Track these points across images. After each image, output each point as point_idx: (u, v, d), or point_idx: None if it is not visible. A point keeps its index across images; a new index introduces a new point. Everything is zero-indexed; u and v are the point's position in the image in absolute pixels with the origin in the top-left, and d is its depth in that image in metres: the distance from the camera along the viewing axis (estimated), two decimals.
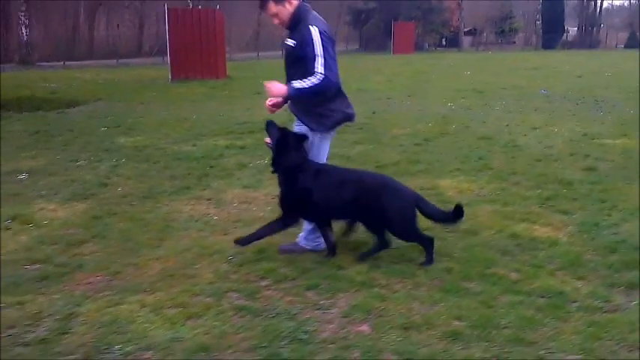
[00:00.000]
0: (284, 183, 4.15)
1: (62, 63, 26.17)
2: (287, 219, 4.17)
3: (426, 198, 5.52)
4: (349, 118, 4.28)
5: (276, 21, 4.17)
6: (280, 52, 34.89)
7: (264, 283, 3.83)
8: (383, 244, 4.17)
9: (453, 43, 51.02)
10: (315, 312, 3.43)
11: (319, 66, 3.90)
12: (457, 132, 9.22)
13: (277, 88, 4.05)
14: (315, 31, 3.94)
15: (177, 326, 3.26)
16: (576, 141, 8.34)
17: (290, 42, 4.12)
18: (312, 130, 4.18)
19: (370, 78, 18.76)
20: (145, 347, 3.06)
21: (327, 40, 3.99)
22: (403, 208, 4.09)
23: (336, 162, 7.02)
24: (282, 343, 3.09)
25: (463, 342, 3.06)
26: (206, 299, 3.58)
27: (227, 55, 20.29)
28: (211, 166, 6.86)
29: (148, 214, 5.15)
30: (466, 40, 52.50)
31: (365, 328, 3.25)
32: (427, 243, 4.12)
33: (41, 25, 30.74)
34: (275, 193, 4.50)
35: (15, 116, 10.70)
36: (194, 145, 8.19)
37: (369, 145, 8.20)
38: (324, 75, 3.90)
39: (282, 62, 4.28)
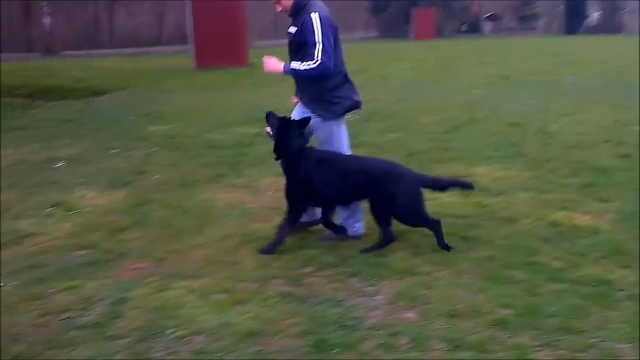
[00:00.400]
0: (287, 170, 4.17)
1: (84, 52, 26.38)
2: (293, 213, 4.18)
3: None
4: (357, 105, 4.31)
5: (279, 8, 4.20)
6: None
7: (306, 270, 3.86)
8: (389, 238, 4.16)
9: (474, 28, 50.40)
10: (361, 299, 3.46)
11: (318, 52, 3.95)
12: (486, 119, 9.15)
13: (274, 64, 4.15)
14: (315, 18, 3.97)
15: (225, 311, 3.32)
16: (608, 127, 8.23)
17: (292, 29, 4.15)
18: (323, 119, 4.21)
19: (393, 65, 18.64)
20: (196, 331, 3.12)
21: (329, 28, 4.01)
22: (409, 193, 4.09)
23: (366, 150, 7.08)
24: (331, 329, 3.12)
25: (511, 330, 3.07)
26: (251, 285, 3.63)
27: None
28: (245, 154, 6.90)
29: (185, 202, 5.21)
30: (486, 26, 51.83)
31: (411, 315, 3.27)
32: (435, 226, 4.11)
33: (62, 14, 30.91)
34: None
35: (45, 105, 10.84)
36: (223, 134, 8.24)
37: (398, 132, 8.17)
38: (322, 62, 3.96)
39: None
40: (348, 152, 4.43)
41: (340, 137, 4.34)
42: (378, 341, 3.00)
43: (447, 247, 4.06)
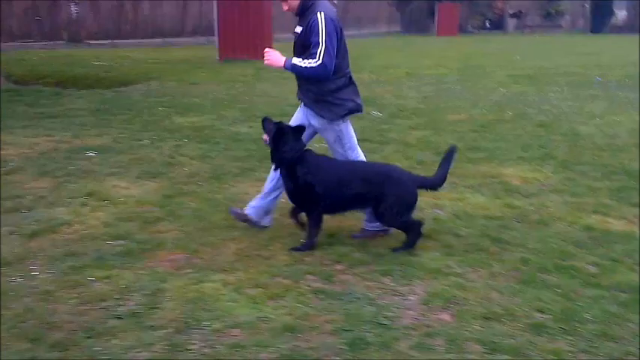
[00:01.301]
0: (288, 178, 4.15)
1: (110, 41, 26.58)
2: (313, 216, 4.17)
3: (491, 187, 5.57)
4: (359, 108, 4.32)
5: (285, 7, 4.21)
6: None
7: (338, 267, 3.88)
8: (415, 237, 4.14)
9: (497, 25, 49.89)
10: (394, 298, 3.47)
11: (320, 53, 3.96)
12: (514, 119, 9.06)
13: (276, 57, 4.13)
14: (321, 19, 3.98)
15: (260, 306, 3.35)
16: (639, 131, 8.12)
17: (298, 29, 4.16)
18: (328, 120, 4.22)
19: (418, 61, 18.53)
20: (232, 325, 3.15)
21: (333, 29, 4.02)
22: (405, 198, 4.07)
23: (394, 147, 7.08)
24: (366, 327, 3.14)
25: (548, 335, 3.07)
26: (284, 281, 3.66)
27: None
28: None
29: (216, 195, 5.25)
30: (511, 23, 51.26)
31: (446, 316, 3.28)
32: (417, 227, 4.12)
33: (88, 3, 31.15)
34: None
35: (75, 94, 10.95)
36: (251, 127, 8.25)
37: (425, 130, 8.14)
38: (323, 62, 3.97)
39: None
40: (358, 150, 4.43)
41: (349, 136, 4.35)
42: (414, 341, 3.01)
43: (410, 247, 4.08)
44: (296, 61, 4.05)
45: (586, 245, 4.19)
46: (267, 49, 4.21)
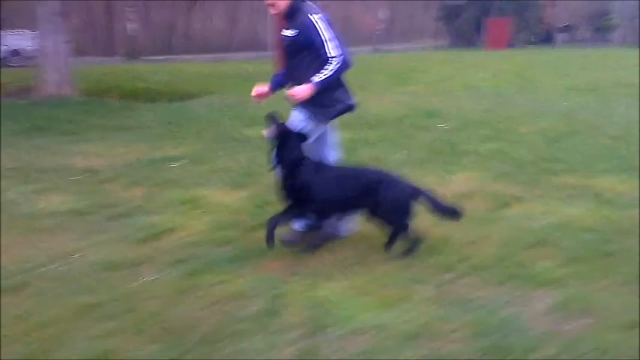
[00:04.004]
0: (284, 177, 4.15)
1: (164, 57, 27.28)
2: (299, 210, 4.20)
3: (582, 198, 5.45)
4: (350, 108, 4.31)
5: (272, 11, 4.21)
6: (369, 47, 35.11)
7: (447, 276, 3.83)
8: (418, 239, 4.15)
9: (545, 39, 49.27)
10: (517, 307, 3.40)
11: (331, 50, 3.99)
12: (586, 130, 8.87)
13: (301, 90, 4.10)
14: (316, 19, 4.03)
15: (378, 313, 3.33)
16: None
17: (289, 32, 4.16)
18: (316, 121, 4.23)
19: (472, 74, 18.38)
20: (357, 331, 3.15)
21: (329, 26, 4.06)
22: (399, 199, 4.07)
23: (472, 159, 7.00)
24: (499, 335, 3.07)
25: None
26: (396, 289, 3.63)
27: None
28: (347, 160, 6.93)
29: None
30: (560, 37, 50.54)
31: (582, 324, 3.20)
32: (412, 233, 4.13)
33: (141, 20, 32.13)
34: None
35: (142, 107, 11.24)
36: None
37: (498, 142, 8.02)
38: (340, 55, 4.00)
39: (370, 57, 4.28)
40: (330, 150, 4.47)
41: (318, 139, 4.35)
42: (556, 349, 2.95)
43: (411, 253, 4.10)
44: (317, 77, 4.03)
45: None
46: (289, 93, 4.17)
